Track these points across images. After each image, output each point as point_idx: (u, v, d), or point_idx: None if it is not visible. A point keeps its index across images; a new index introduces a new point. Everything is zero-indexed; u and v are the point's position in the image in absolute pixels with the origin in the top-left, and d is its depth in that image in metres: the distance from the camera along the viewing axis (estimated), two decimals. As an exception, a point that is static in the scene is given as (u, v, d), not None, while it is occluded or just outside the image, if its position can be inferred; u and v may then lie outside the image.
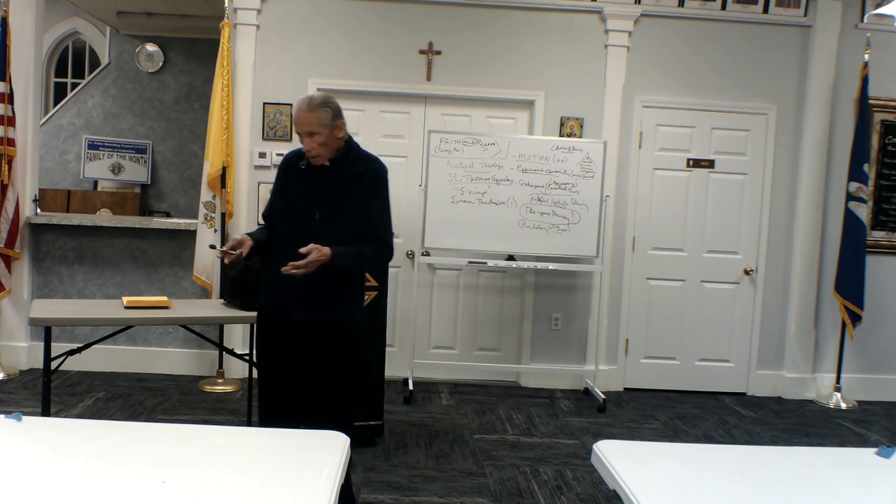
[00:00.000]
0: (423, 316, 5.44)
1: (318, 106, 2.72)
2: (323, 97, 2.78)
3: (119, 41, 8.08)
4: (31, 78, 5.14)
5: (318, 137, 2.72)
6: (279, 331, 2.84)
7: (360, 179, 2.82)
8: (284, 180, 2.91)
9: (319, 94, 2.82)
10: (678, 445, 2.42)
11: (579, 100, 5.35)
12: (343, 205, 2.79)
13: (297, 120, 2.74)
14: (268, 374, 2.90)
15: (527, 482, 3.62)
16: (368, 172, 2.85)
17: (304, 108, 2.72)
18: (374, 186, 2.86)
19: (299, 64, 5.24)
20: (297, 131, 2.77)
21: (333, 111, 2.74)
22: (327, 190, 2.80)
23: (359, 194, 2.81)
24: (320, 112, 2.71)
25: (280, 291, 2.80)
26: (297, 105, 2.75)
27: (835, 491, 1.80)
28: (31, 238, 5.19)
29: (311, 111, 2.71)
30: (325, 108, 2.72)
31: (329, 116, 2.72)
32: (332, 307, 2.80)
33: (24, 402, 4.40)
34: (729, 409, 5.16)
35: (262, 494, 1.60)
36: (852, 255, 5.20)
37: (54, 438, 1.90)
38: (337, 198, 2.79)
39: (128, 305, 3.52)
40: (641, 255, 5.47)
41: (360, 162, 2.86)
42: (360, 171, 2.83)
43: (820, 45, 5.34)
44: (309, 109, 2.71)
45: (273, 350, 2.88)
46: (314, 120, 2.71)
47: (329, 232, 2.76)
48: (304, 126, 2.72)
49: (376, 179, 2.87)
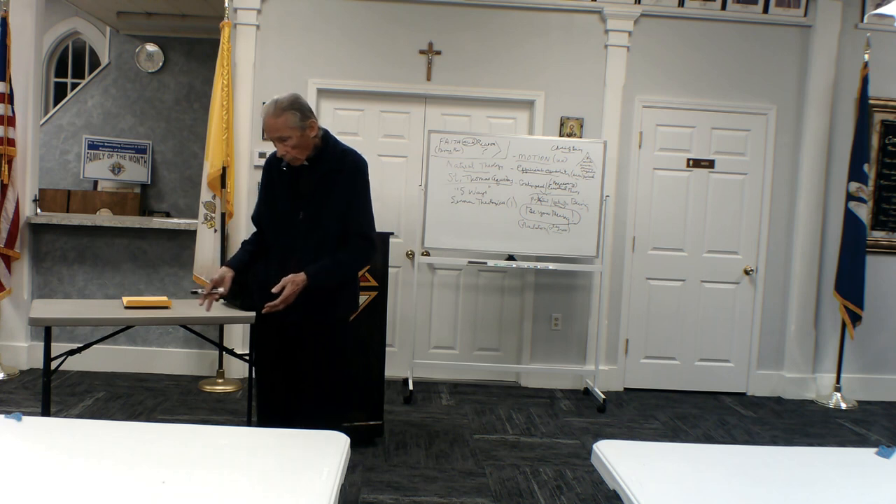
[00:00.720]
0: (423, 316, 5.44)
1: (284, 110, 2.67)
2: (289, 99, 2.71)
3: (119, 41, 8.08)
4: (31, 78, 5.14)
5: (289, 141, 2.69)
6: (273, 331, 2.85)
7: (338, 176, 2.80)
8: (268, 183, 2.90)
9: (286, 96, 2.73)
10: (678, 445, 2.41)
11: (579, 100, 5.35)
12: (324, 202, 2.78)
13: (266, 126, 2.71)
14: (263, 374, 2.92)
15: (527, 482, 3.62)
16: (346, 167, 2.82)
17: (271, 114, 2.67)
18: (351, 180, 2.82)
19: (299, 64, 5.24)
20: (268, 137, 2.74)
21: (302, 112, 2.70)
22: (308, 189, 2.79)
23: (339, 190, 2.79)
24: (287, 116, 2.67)
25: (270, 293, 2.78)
26: (264, 110, 2.71)
27: (835, 491, 1.80)
28: (31, 238, 5.19)
29: (278, 116, 2.66)
30: (292, 111, 2.68)
31: (297, 119, 2.68)
32: (323, 305, 2.80)
33: (24, 402, 4.40)
34: (729, 409, 5.16)
35: (262, 494, 1.60)
36: (852, 255, 5.20)
37: (54, 438, 1.90)
38: (318, 196, 2.78)
39: (128, 305, 3.52)
40: (641, 255, 5.46)
41: (337, 157, 2.83)
42: (338, 167, 2.81)
43: (820, 45, 5.34)
44: (275, 115, 2.67)
45: (267, 350, 2.90)
46: (282, 124, 2.67)
47: (314, 231, 2.76)
48: (273, 132, 2.69)
49: (353, 172, 2.84)
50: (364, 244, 2.87)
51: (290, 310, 2.74)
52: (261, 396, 2.95)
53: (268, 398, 2.92)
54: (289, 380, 2.85)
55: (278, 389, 2.87)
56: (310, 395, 2.82)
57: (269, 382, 2.90)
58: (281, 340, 2.85)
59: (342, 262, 2.83)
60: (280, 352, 2.86)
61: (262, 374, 2.93)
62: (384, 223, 5.34)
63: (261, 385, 2.94)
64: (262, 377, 2.93)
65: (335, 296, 2.85)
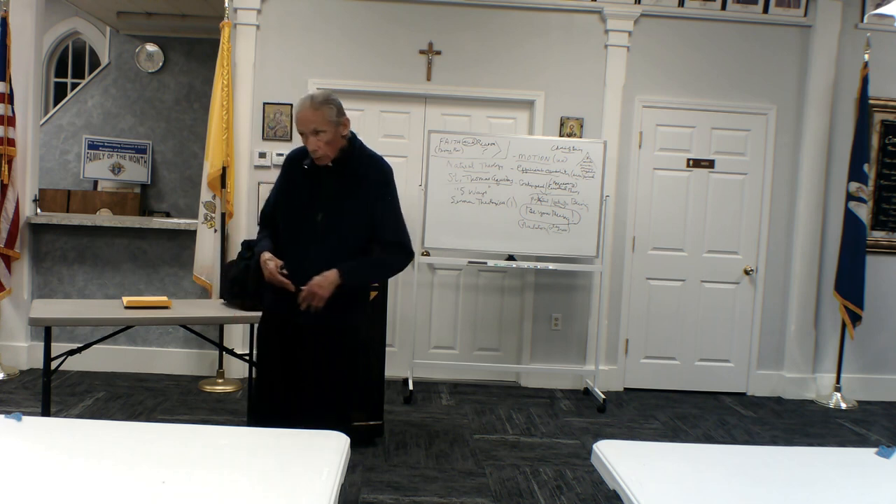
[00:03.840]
0: (423, 316, 5.43)
1: (321, 103, 2.67)
2: (325, 94, 2.73)
3: (119, 41, 8.08)
4: (31, 78, 5.14)
5: (323, 136, 2.66)
6: (281, 335, 2.81)
7: (363, 181, 2.77)
8: (287, 179, 2.86)
9: (321, 91, 2.77)
10: (678, 445, 2.42)
11: (579, 100, 5.35)
12: (346, 207, 2.74)
13: (301, 119, 2.68)
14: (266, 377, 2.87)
15: (527, 482, 3.62)
16: (371, 174, 2.79)
17: (308, 106, 2.67)
18: (378, 188, 2.80)
19: (299, 64, 5.24)
20: (301, 130, 2.70)
21: (337, 108, 2.70)
22: (330, 191, 2.74)
23: (362, 196, 2.75)
24: (325, 109, 2.66)
25: (283, 295, 2.75)
26: (300, 104, 2.70)
27: (835, 491, 1.80)
28: (31, 238, 5.18)
29: (316, 109, 2.65)
30: (329, 105, 2.67)
31: (334, 113, 2.68)
32: (337, 310, 2.74)
33: (24, 402, 4.40)
34: (729, 409, 5.16)
35: (262, 494, 1.60)
36: (852, 255, 5.20)
37: (54, 438, 1.90)
38: (340, 199, 2.74)
39: (128, 305, 3.52)
40: (641, 255, 5.46)
41: (363, 162, 2.80)
42: (364, 173, 2.78)
43: (820, 45, 5.34)
44: (313, 107, 2.66)
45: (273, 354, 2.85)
46: (319, 118, 2.65)
47: (331, 234, 2.72)
48: (309, 124, 2.66)
49: (381, 181, 2.81)
50: (401, 252, 2.85)
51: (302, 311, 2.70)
52: (259, 395, 2.92)
53: (265, 397, 2.88)
54: (289, 380, 2.81)
55: (277, 389, 2.83)
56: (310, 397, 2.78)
57: (269, 382, 2.87)
58: (281, 340, 2.82)
59: (378, 265, 2.82)
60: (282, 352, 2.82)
61: (263, 374, 2.90)
62: (384, 223, 5.35)
63: (260, 384, 2.91)
64: (262, 376, 2.90)
65: (349, 301, 2.79)
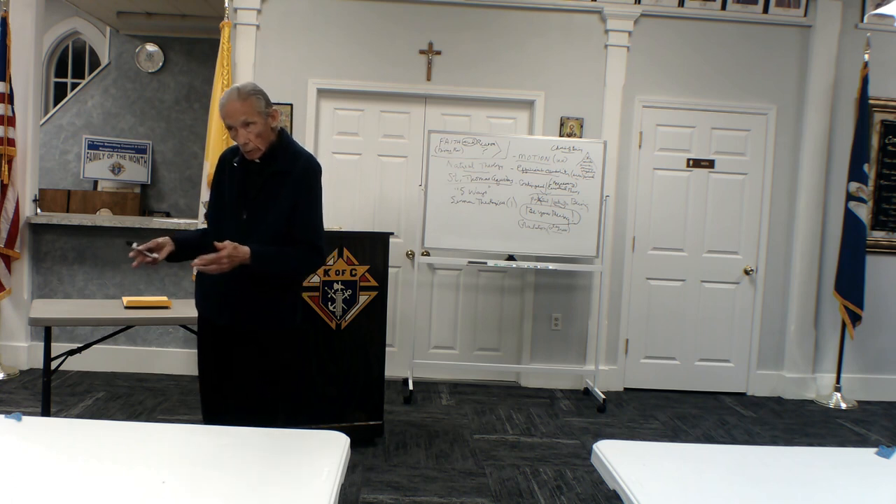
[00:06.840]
0: (423, 316, 5.43)
1: (249, 93, 2.59)
2: (252, 85, 2.64)
3: (119, 41, 8.08)
4: (31, 78, 5.14)
5: (253, 127, 2.57)
6: (208, 336, 2.74)
7: (286, 177, 2.65)
8: (218, 179, 2.78)
9: (247, 83, 2.67)
10: (678, 445, 2.41)
11: (579, 100, 5.35)
12: (270, 205, 2.65)
13: (229, 111, 2.58)
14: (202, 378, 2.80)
15: (527, 482, 3.62)
16: (296, 170, 2.66)
17: (236, 98, 2.58)
18: (300, 185, 2.66)
19: (299, 64, 5.24)
20: (230, 124, 2.60)
21: (266, 98, 2.63)
22: (256, 190, 2.66)
23: (285, 193, 2.64)
24: (253, 100, 2.58)
25: (202, 294, 2.70)
26: (227, 96, 2.60)
27: (835, 491, 1.80)
28: (31, 238, 5.18)
29: (244, 100, 2.57)
30: (257, 96, 2.60)
31: (262, 104, 2.60)
32: (257, 312, 2.64)
33: (24, 402, 4.40)
34: (729, 409, 5.16)
35: (262, 494, 1.60)
36: (852, 255, 5.20)
37: (54, 438, 1.89)
38: (264, 197, 2.65)
39: (128, 305, 3.52)
40: (641, 255, 5.46)
41: (289, 159, 2.69)
42: (287, 169, 2.65)
43: (820, 45, 5.34)
44: (241, 98, 2.57)
45: (204, 352, 2.78)
46: (248, 108, 2.56)
47: (255, 232, 2.62)
48: (238, 116, 2.56)
49: (304, 177, 2.68)
50: (311, 252, 2.70)
51: (223, 312, 2.64)
52: (203, 395, 2.83)
53: (210, 397, 2.79)
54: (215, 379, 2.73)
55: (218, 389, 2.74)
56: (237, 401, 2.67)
57: (210, 383, 2.77)
58: (205, 338, 2.75)
59: (289, 256, 2.66)
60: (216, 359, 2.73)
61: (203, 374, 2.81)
62: (384, 223, 5.36)
63: (202, 384, 2.82)
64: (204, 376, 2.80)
65: (272, 303, 2.68)
